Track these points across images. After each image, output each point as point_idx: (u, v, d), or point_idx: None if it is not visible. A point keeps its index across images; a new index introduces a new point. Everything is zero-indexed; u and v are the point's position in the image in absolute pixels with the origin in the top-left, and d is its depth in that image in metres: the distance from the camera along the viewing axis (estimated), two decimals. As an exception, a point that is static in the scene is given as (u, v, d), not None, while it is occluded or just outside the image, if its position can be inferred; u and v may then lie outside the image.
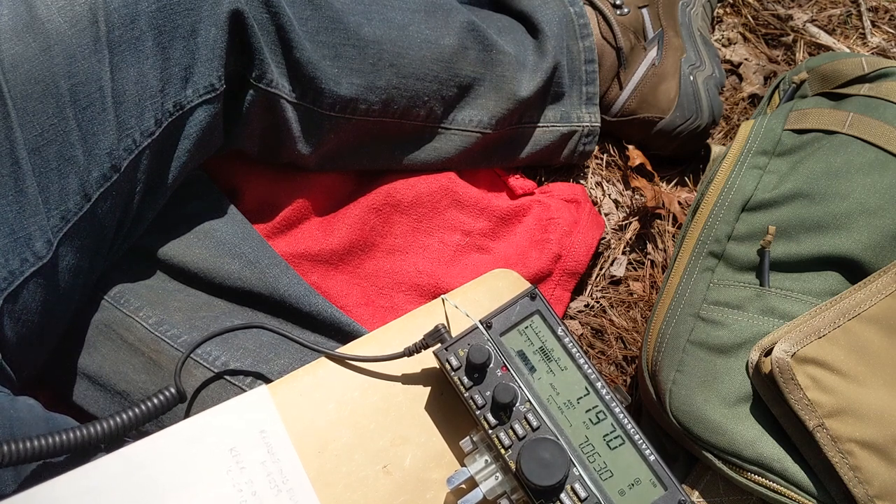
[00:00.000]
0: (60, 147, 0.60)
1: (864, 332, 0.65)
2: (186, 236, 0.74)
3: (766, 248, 0.70)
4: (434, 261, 0.84)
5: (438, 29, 0.81)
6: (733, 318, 0.69)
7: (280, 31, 0.70)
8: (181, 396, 0.60)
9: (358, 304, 0.81)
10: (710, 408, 0.67)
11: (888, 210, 0.69)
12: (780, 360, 0.63)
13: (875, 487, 0.62)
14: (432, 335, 0.62)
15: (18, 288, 0.59)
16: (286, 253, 0.79)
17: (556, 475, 0.55)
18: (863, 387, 0.64)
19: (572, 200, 0.90)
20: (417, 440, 0.61)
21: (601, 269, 0.92)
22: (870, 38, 1.08)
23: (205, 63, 0.67)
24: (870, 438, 0.62)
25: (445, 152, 0.85)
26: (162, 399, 0.59)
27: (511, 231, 0.87)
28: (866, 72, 0.78)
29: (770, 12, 1.10)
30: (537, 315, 0.61)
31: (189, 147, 0.69)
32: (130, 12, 0.62)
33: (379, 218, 0.83)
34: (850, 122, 0.75)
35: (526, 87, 0.85)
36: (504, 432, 0.57)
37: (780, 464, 0.64)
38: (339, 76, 0.74)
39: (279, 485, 0.56)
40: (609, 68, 0.92)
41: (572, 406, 0.59)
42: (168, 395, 0.59)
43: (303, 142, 0.77)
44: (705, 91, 0.94)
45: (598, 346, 0.88)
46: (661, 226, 0.94)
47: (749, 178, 0.75)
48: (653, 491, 0.56)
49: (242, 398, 0.59)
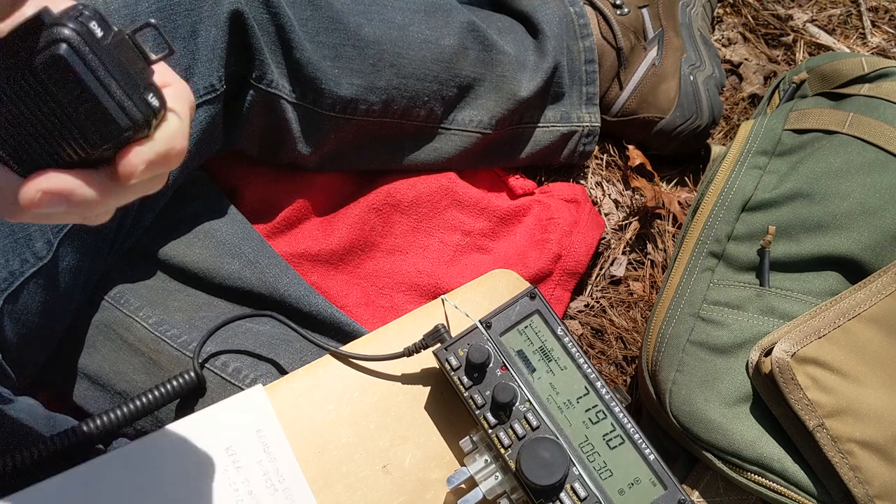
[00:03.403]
0: (61, 147, 0.60)
1: (864, 332, 0.65)
2: (186, 236, 0.74)
3: (766, 248, 0.70)
4: (434, 261, 0.84)
5: (438, 29, 0.81)
6: (733, 318, 0.69)
7: (280, 31, 0.70)
8: (200, 381, 0.60)
9: (358, 304, 0.81)
10: (710, 408, 0.67)
11: (888, 210, 0.69)
12: (780, 360, 0.63)
13: (875, 487, 0.62)
14: (432, 335, 0.62)
15: (18, 288, 0.59)
16: (286, 253, 0.79)
17: (555, 475, 0.55)
18: (863, 387, 0.64)
19: (572, 200, 0.90)
20: (417, 440, 0.61)
21: (601, 269, 0.92)
22: (870, 38, 1.08)
23: (205, 63, 0.67)
24: (870, 438, 0.62)
25: (445, 152, 0.85)
26: (182, 382, 0.59)
27: (511, 231, 0.87)
28: (866, 72, 0.78)
29: (770, 12, 1.10)
30: (537, 315, 0.61)
31: (189, 147, 0.69)
32: (131, 13, 0.62)
33: (379, 218, 0.83)
34: (850, 122, 0.75)
35: (526, 88, 0.85)
36: (504, 432, 0.57)
37: (780, 464, 0.64)
38: (339, 76, 0.74)
39: (275, 484, 0.56)
40: (609, 68, 0.92)
41: (572, 405, 0.59)
42: (188, 377, 0.59)
43: (303, 142, 0.77)
44: (705, 91, 0.94)
45: (598, 346, 0.88)
46: (661, 226, 0.94)
47: (749, 178, 0.75)
48: (652, 490, 0.56)
49: (239, 397, 0.59)
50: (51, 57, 0.33)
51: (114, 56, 0.34)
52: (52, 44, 0.33)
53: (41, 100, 0.34)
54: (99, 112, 0.34)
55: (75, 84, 0.33)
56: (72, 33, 0.33)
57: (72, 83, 0.33)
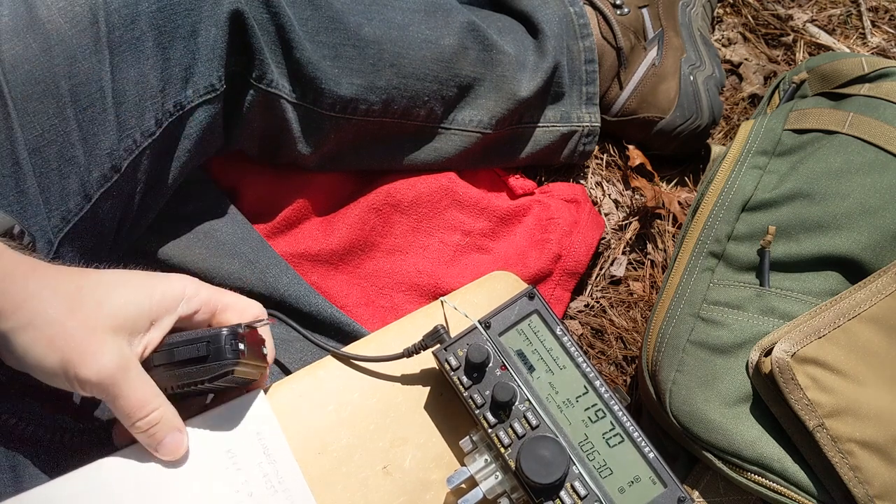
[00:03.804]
0: (61, 147, 0.60)
1: (864, 332, 0.65)
2: (186, 236, 0.74)
3: (766, 248, 0.70)
4: (434, 261, 0.84)
5: (438, 29, 0.81)
6: (733, 318, 0.69)
7: (280, 31, 0.70)
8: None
9: (358, 304, 0.81)
10: (710, 408, 0.67)
11: (888, 210, 0.69)
12: (780, 360, 0.63)
13: (875, 487, 0.62)
14: (431, 336, 0.62)
15: (20, 288, 0.59)
16: (286, 253, 0.79)
17: (555, 473, 0.55)
18: (863, 387, 0.64)
19: (572, 200, 0.90)
20: (417, 440, 0.61)
21: (601, 269, 0.92)
22: (870, 38, 1.08)
23: (205, 63, 0.67)
24: (870, 438, 0.62)
25: (445, 152, 0.85)
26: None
27: (511, 231, 0.87)
28: (866, 72, 0.78)
29: (770, 12, 1.10)
30: (536, 314, 0.61)
31: (189, 147, 0.69)
32: (131, 13, 0.62)
33: (379, 218, 0.83)
34: (850, 122, 0.75)
35: (526, 87, 0.85)
36: (503, 431, 0.57)
37: (780, 464, 0.64)
38: (339, 76, 0.74)
39: (275, 485, 0.56)
40: (609, 68, 0.92)
41: (571, 404, 0.59)
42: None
43: (303, 142, 0.77)
44: (705, 91, 0.94)
45: (598, 346, 0.88)
46: (661, 226, 0.94)
47: (749, 178, 0.75)
48: (652, 488, 0.56)
49: (239, 400, 0.59)
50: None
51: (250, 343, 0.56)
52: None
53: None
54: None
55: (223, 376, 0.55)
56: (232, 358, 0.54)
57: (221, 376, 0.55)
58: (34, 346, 0.48)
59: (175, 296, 0.54)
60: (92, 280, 0.52)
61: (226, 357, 0.53)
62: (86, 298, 0.50)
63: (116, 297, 0.51)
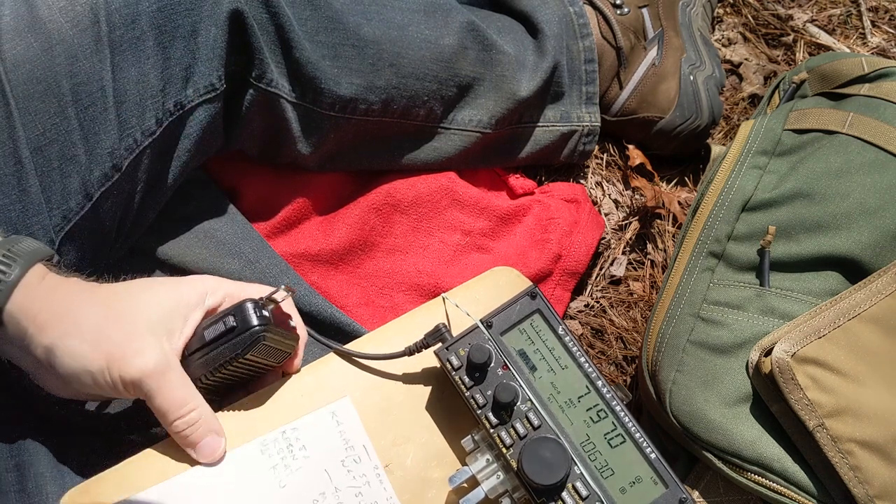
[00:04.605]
0: (62, 146, 0.60)
1: (864, 332, 0.65)
2: (186, 236, 0.74)
3: (766, 248, 0.71)
4: (434, 260, 0.84)
5: (438, 29, 0.81)
6: (733, 318, 0.69)
7: (280, 30, 0.70)
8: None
9: (358, 304, 0.81)
10: (710, 408, 0.67)
11: (888, 210, 0.70)
12: (780, 360, 0.63)
13: (875, 487, 0.62)
14: (433, 334, 0.62)
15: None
16: (286, 253, 0.79)
17: (557, 474, 0.55)
18: (863, 387, 0.64)
19: (572, 200, 0.90)
20: (419, 440, 0.61)
21: (601, 269, 0.92)
22: (870, 38, 1.08)
23: (205, 63, 0.67)
24: (870, 438, 0.62)
25: (445, 152, 0.85)
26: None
27: (511, 231, 0.87)
28: (866, 72, 0.78)
29: (770, 12, 1.10)
30: (538, 314, 0.61)
31: (189, 147, 0.69)
32: (131, 12, 0.62)
33: (379, 218, 0.83)
34: (850, 122, 0.75)
35: (526, 87, 0.85)
36: (505, 431, 0.57)
37: (780, 464, 0.64)
38: (338, 76, 0.74)
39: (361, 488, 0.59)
40: (609, 68, 0.92)
41: (573, 405, 0.59)
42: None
43: (303, 142, 0.77)
44: (705, 91, 0.94)
45: (598, 346, 0.88)
46: (661, 226, 0.94)
47: (749, 178, 0.75)
48: (654, 489, 0.56)
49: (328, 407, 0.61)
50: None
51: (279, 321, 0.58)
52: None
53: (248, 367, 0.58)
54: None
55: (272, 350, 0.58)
56: (260, 323, 0.55)
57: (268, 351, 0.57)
58: (79, 350, 0.52)
59: (199, 291, 0.57)
60: (122, 289, 0.56)
61: (253, 324, 0.55)
62: (121, 305, 0.54)
63: (148, 301, 0.55)
